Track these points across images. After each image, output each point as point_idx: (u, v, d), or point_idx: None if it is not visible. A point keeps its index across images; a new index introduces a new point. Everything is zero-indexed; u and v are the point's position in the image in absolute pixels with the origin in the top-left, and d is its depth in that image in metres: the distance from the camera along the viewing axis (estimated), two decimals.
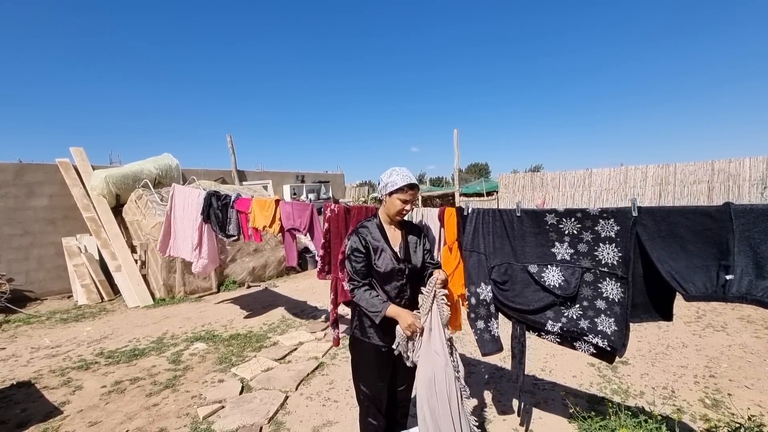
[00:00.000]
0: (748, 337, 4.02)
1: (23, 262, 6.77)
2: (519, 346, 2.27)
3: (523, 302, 2.16)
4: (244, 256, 7.46)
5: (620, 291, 1.90)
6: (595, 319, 1.98)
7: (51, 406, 3.10)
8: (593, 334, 1.99)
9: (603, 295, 1.96)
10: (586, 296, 2.01)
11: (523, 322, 2.22)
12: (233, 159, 10.47)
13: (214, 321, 5.23)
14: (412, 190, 1.90)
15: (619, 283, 1.91)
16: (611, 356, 2.04)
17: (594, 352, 2.05)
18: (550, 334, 2.14)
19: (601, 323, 1.97)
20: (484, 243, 2.29)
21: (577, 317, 2.03)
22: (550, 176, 13.65)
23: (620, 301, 1.90)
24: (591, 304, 2.00)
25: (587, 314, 2.01)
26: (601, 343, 1.96)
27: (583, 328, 2.01)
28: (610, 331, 1.94)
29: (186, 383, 3.45)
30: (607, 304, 1.95)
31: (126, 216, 7.18)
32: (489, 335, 2.28)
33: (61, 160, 7.37)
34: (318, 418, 2.86)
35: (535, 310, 2.13)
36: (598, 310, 1.98)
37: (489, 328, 2.28)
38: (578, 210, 2.02)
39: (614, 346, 1.93)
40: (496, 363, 3.59)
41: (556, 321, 2.09)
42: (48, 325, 5.30)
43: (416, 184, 1.92)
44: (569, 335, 2.07)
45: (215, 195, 4.65)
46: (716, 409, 2.78)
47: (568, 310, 2.06)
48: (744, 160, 10.72)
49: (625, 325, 1.90)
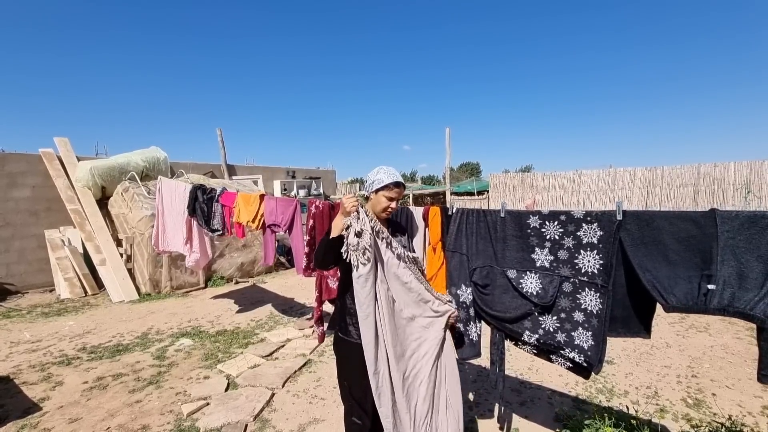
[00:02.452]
0: (730, 338, 4.11)
1: (3, 255, 6.60)
2: (498, 353, 2.23)
3: (502, 309, 2.12)
4: (232, 252, 7.38)
5: (599, 302, 1.86)
6: (572, 332, 1.95)
7: (30, 402, 3.02)
8: (570, 348, 1.96)
9: (581, 306, 1.92)
10: (564, 308, 1.98)
11: (501, 330, 2.19)
12: (223, 153, 10.34)
13: (201, 317, 5.17)
14: (398, 188, 1.93)
15: (598, 294, 1.87)
16: (587, 372, 2.00)
17: (570, 366, 2.02)
18: (527, 345, 2.11)
19: (578, 337, 1.93)
20: (466, 244, 2.25)
21: (554, 330, 2.00)
22: (540, 177, 13.78)
23: (598, 314, 1.87)
24: (569, 316, 1.96)
25: (564, 327, 1.97)
26: (578, 357, 1.93)
27: (560, 341, 1.99)
28: (587, 346, 1.91)
29: (170, 380, 3.39)
30: (585, 316, 1.91)
31: (112, 209, 7.04)
32: (467, 339, 2.26)
33: (45, 150, 7.20)
34: (304, 415, 2.84)
35: (513, 318, 2.09)
36: (576, 323, 1.94)
37: (468, 332, 2.26)
38: (562, 212, 1.98)
39: (590, 362, 1.90)
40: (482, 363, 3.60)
41: (533, 332, 2.06)
42: (29, 319, 5.18)
43: (402, 183, 1.95)
44: (546, 347, 2.04)
45: (200, 188, 4.57)
46: (698, 408, 2.83)
47: (545, 321, 2.03)
48: (729, 165, 10.95)
49: (602, 339, 1.86)
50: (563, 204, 13.10)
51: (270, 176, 11.44)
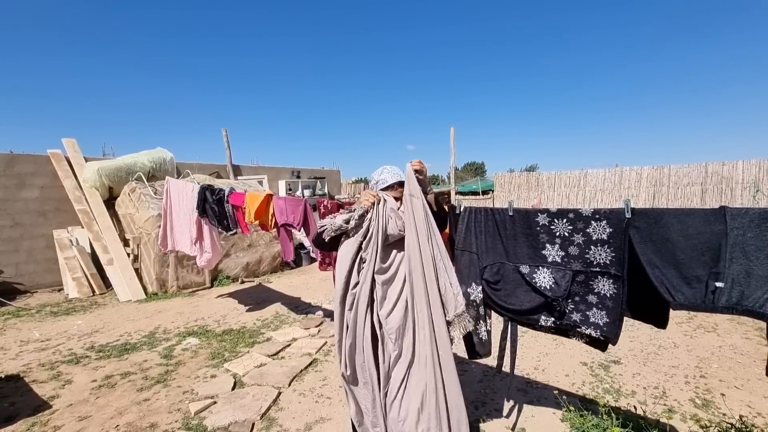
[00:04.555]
0: (739, 338, 4.06)
1: (13, 254, 6.68)
2: (511, 344, 2.27)
3: (516, 302, 2.14)
4: (238, 252, 7.41)
5: (613, 287, 1.87)
6: (587, 312, 1.97)
7: (40, 400, 3.06)
8: (585, 325, 1.99)
9: (595, 290, 1.94)
10: (577, 292, 2.00)
11: (516, 320, 2.22)
12: (228, 153, 10.38)
13: (207, 316, 5.20)
14: (402, 187, 1.97)
15: (611, 280, 1.87)
16: (604, 345, 2.04)
17: (587, 341, 2.06)
18: (543, 328, 2.15)
19: (593, 315, 1.95)
20: (476, 242, 2.25)
21: (569, 311, 2.03)
22: (545, 176, 13.69)
23: (612, 296, 1.87)
24: (582, 299, 1.99)
25: (579, 308, 2.00)
26: (594, 333, 1.96)
27: (575, 320, 2.01)
28: (602, 323, 1.93)
29: (178, 378, 3.42)
30: (599, 299, 1.92)
31: (119, 209, 7.10)
32: (477, 338, 2.26)
33: (53, 151, 7.27)
34: (311, 414, 2.85)
35: (527, 310, 2.12)
36: (590, 304, 1.96)
37: (477, 331, 2.26)
38: (570, 210, 1.98)
39: (607, 336, 1.92)
40: (489, 362, 3.59)
41: (549, 316, 2.09)
42: (38, 318, 5.24)
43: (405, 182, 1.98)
44: (562, 327, 2.08)
45: (209, 189, 4.61)
46: (706, 409, 2.80)
47: (559, 305, 2.05)
48: (737, 163, 10.82)
49: (617, 317, 1.87)
50: (569, 203, 13.01)
51: (275, 176, 11.48)
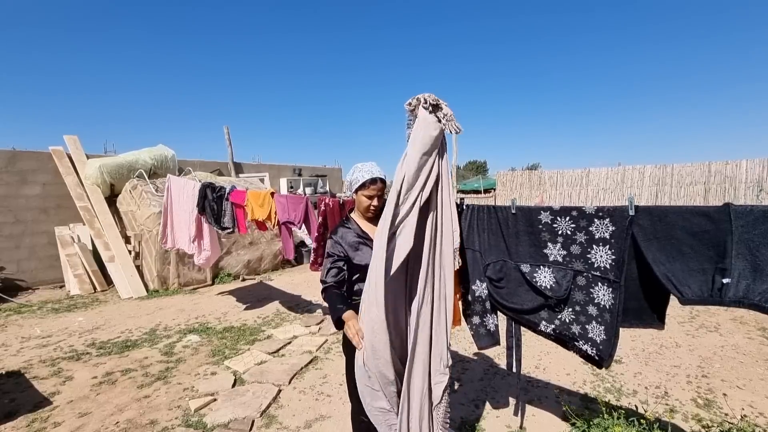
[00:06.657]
0: (741, 338, 4.04)
1: (14, 251, 6.70)
2: (515, 340, 2.27)
3: (517, 301, 2.13)
4: (239, 249, 7.41)
5: (611, 297, 1.86)
6: (586, 325, 1.96)
7: (40, 396, 3.06)
8: (583, 340, 1.97)
9: (594, 300, 1.93)
10: (578, 300, 1.98)
11: (517, 320, 2.22)
12: (230, 151, 10.39)
13: (208, 313, 5.20)
14: (375, 184, 1.84)
15: (610, 289, 1.86)
16: (599, 363, 2.02)
17: (583, 356, 2.05)
18: (543, 334, 2.13)
19: (592, 330, 1.94)
20: (479, 240, 2.24)
21: (570, 321, 2.01)
22: (547, 175, 13.65)
23: (610, 308, 1.86)
24: (583, 309, 1.97)
25: (579, 319, 1.99)
26: (590, 351, 1.95)
27: (574, 333, 2.00)
28: (599, 340, 1.91)
29: (178, 375, 3.42)
30: (599, 311, 1.91)
31: (120, 206, 7.11)
32: (484, 329, 2.27)
33: (55, 148, 7.28)
34: (311, 412, 2.84)
35: (529, 310, 2.11)
36: (590, 316, 1.95)
37: (485, 323, 2.26)
38: (574, 208, 1.96)
39: (601, 356, 1.91)
40: (490, 360, 3.59)
41: (550, 323, 2.07)
42: (39, 315, 5.25)
43: (380, 178, 1.85)
44: (561, 337, 2.07)
45: (210, 187, 4.60)
46: (708, 409, 2.79)
47: (560, 312, 2.04)
48: (741, 162, 10.76)
49: (614, 333, 1.86)
50: (571, 202, 12.96)
51: (276, 174, 11.47)
